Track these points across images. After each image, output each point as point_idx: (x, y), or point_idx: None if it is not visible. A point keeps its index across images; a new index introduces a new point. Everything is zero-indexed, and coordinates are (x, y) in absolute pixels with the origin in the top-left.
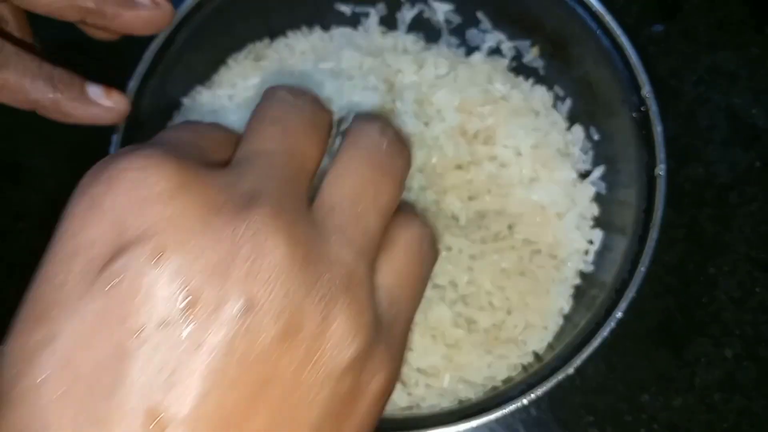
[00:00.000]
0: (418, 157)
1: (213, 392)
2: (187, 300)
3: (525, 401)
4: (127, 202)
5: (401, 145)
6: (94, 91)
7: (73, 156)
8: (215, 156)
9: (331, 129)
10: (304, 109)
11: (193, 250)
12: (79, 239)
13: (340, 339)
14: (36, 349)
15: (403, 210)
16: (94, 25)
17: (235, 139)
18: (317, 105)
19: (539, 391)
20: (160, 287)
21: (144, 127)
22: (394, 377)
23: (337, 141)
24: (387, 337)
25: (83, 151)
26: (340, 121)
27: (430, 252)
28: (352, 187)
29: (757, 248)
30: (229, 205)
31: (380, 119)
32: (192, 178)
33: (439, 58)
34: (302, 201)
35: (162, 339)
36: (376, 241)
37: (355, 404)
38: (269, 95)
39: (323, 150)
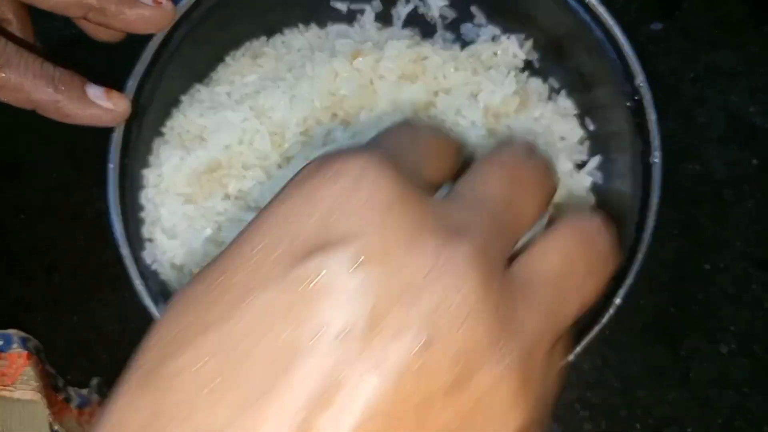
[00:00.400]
0: None
1: (368, 426)
2: (371, 317)
3: None
4: (342, 201)
5: (615, 247)
6: (95, 92)
7: (72, 154)
8: (432, 167)
9: (553, 197)
10: (538, 166)
11: (392, 266)
12: (286, 226)
13: (504, 411)
14: (204, 329)
15: None
16: (96, 22)
17: (454, 149)
18: (550, 168)
19: None
20: (350, 296)
21: (142, 126)
22: None
23: None
24: (539, 427)
25: (82, 149)
26: None
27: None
28: (560, 267)
29: (752, 245)
30: (437, 232)
31: (600, 217)
32: (409, 195)
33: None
34: (504, 256)
35: (335, 350)
36: (566, 327)
37: None
38: (508, 144)
39: (541, 213)
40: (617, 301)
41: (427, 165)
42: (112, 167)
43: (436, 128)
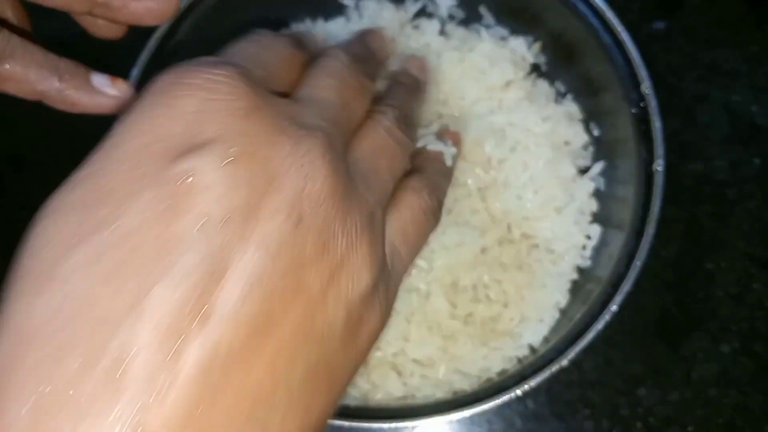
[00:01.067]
0: None
1: (253, 294)
2: (246, 204)
3: (519, 392)
4: (206, 108)
5: (410, 131)
6: (99, 80)
7: (74, 146)
8: (280, 77)
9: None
10: (360, 73)
11: (257, 161)
12: (154, 130)
13: (359, 268)
14: (94, 230)
15: (418, 176)
16: (100, 17)
17: (303, 59)
18: (370, 73)
19: (533, 382)
20: (226, 188)
21: None
22: (384, 322)
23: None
24: (386, 283)
25: (84, 140)
26: None
27: (431, 221)
28: (373, 147)
29: (754, 245)
30: (291, 130)
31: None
32: (263, 101)
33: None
34: (343, 147)
35: (218, 235)
36: (388, 197)
37: (356, 336)
38: (337, 49)
39: (365, 112)
40: (614, 308)
41: (276, 76)
42: None
43: (285, 39)
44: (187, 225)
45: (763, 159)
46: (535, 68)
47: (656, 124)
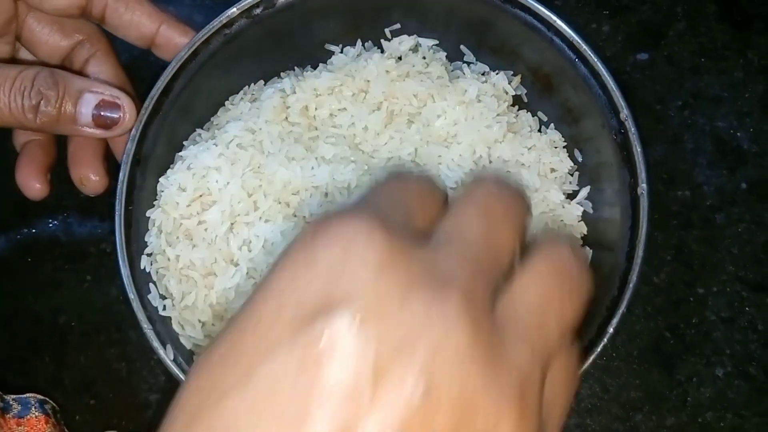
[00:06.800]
0: None
1: None
2: (374, 372)
3: None
4: (338, 264)
5: (584, 271)
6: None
7: (76, 193)
8: (420, 216)
9: (527, 221)
10: (508, 198)
11: (389, 322)
12: (291, 293)
13: None
14: (222, 396)
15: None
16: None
17: (439, 196)
18: (520, 196)
19: None
20: (354, 354)
21: (146, 172)
22: None
23: None
24: None
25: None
26: None
27: (578, 379)
28: (539, 299)
29: (745, 268)
30: (426, 285)
31: (569, 245)
32: (398, 254)
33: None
34: (489, 295)
35: (344, 407)
36: (553, 355)
37: None
38: (479, 181)
39: (519, 247)
40: (611, 329)
41: (416, 215)
42: (119, 216)
43: (423, 178)
44: (313, 396)
45: (750, 183)
46: (516, 99)
47: (637, 150)
